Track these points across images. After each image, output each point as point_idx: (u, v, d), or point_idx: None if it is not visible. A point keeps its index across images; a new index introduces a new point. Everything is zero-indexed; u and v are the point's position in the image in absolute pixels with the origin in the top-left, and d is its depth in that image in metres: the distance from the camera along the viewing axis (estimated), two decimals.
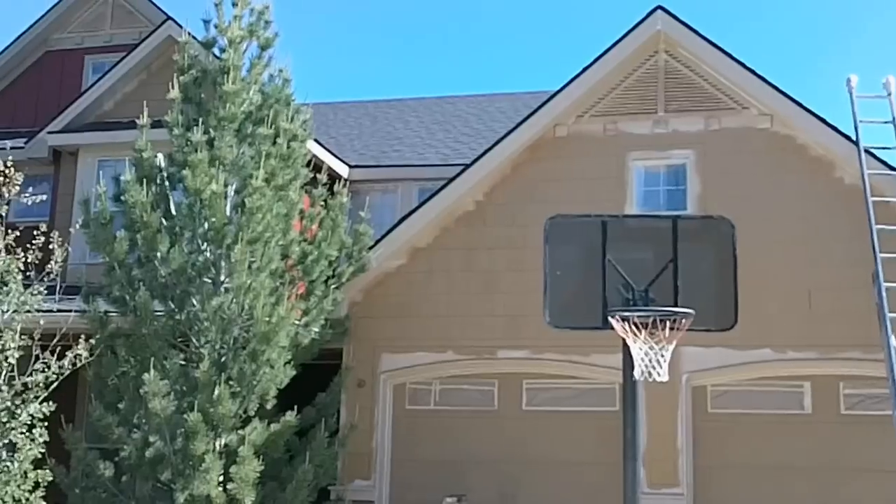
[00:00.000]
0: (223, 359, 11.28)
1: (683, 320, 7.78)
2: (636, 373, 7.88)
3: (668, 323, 7.74)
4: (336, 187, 13.18)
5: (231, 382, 10.97)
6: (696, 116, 12.68)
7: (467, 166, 13.40)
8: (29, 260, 9.51)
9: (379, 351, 13.10)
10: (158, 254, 11.24)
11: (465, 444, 12.74)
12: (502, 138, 13.27)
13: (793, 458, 11.75)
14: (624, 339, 7.93)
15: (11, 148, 10.20)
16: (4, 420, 9.38)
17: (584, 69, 12.95)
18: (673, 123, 12.75)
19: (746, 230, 9.34)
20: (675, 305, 7.96)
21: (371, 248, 13.07)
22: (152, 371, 10.59)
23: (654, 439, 11.62)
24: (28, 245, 9.58)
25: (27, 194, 9.59)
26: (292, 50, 12.97)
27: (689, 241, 8.38)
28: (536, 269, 8.82)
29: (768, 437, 11.88)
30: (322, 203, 12.98)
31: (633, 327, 7.79)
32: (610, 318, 7.95)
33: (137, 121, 12.01)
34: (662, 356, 7.81)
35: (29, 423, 9.42)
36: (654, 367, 7.81)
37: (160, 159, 12.12)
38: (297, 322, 11.74)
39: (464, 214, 13.25)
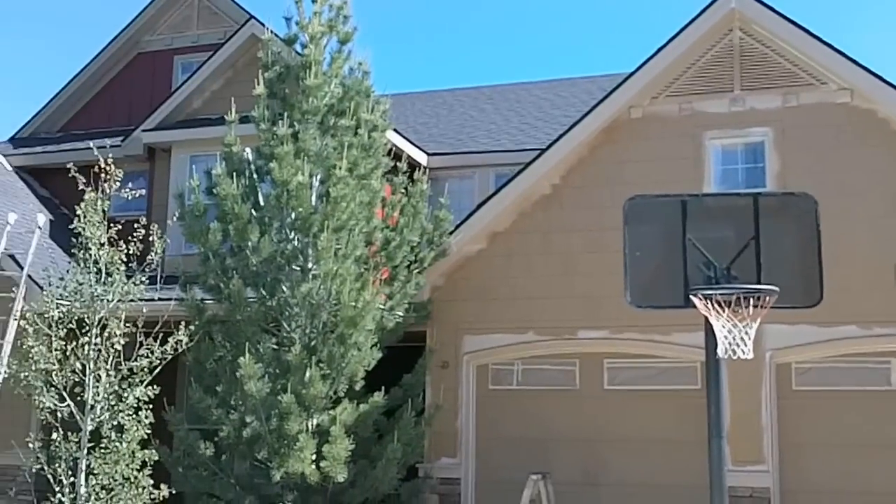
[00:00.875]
0: (313, 342, 11.45)
1: (767, 297, 7.62)
2: (719, 351, 7.74)
3: (751, 300, 7.58)
4: (416, 175, 13.23)
5: (321, 365, 11.13)
6: (774, 93, 12.40)
7: (543, 151, 13.31)
8: (130, 252, 9.74)
9: (461, 333, 13.12)
10: (249, 243, 11.46)
11: (547, 423, 12.70)
12: (577, 122, 13.15)
13: (879, 434, 11.45)
14: (706, 318, 7.80)
15: (110, 146, 10.44)
16: (113, 403, 9.62)
17: (658, 50, 12.76)
18: (750, 101, 12.50)
19: (829, 206, 9.10)
20: (759, 283, 7.81)
21: (451, 233, 13.08)
22: (247, 355, 10.81)
23: (738, 417, 11.45)
24: (130, 238, 9.81)
25: (128, 189, 9.82)
26: (370, 42, 13.02)
27: (770, 217, 8.18)
28: (615, 251, 8.73)
29: (854, 414, 11.60)
30: (403, 190, 13.04)
31: (716, 305, 7.64)
32: (692, 297, 7.82)
33: (226, 117, 12.28)
34: (746, 334, 7.65)
35: (135, 405, 9.66)
36: (737, 345, 7.65)
37: (248, 153, 12.35)
38: (381, 306, 11.83)
39: (541, 198, 13.17)
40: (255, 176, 12.33)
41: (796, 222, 8.32)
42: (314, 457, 10.85)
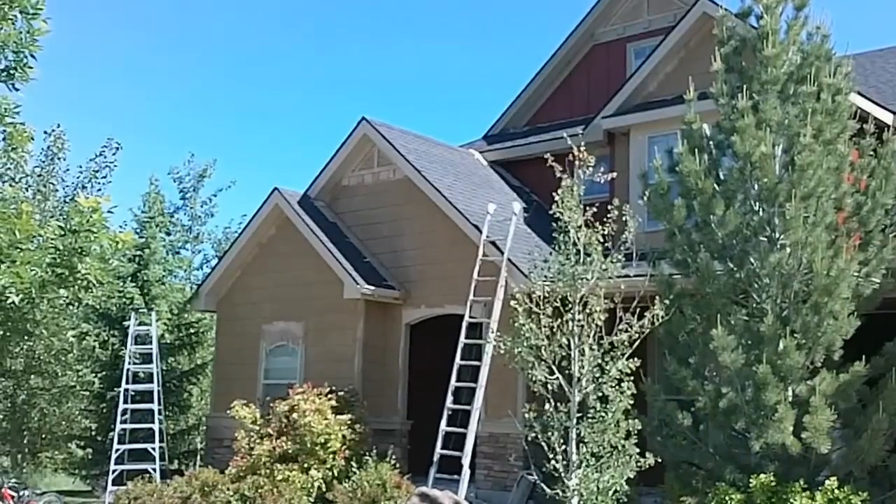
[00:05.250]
0: (785, 312, 10.97)
1: None
2: None
3: None
4: (885, 136, 12.16)
5: (795, 335, 10.63)
6: None
7: None
8: (606, 232, 9.98)
9: None
10: (714, 217, 11.27)
11: None
12: None
13: None
14: None
15: (572, 135, 10.80)
16: (597, 375, 9.92)
17: None
18: None
19: None
20: None
21: None
22: (719, 327, 10.62)
23: None
24: (605, 219, 10.04)
25: (600, 173, 10.07)
26: (827, 3, 12.12)
27: None
28: None
29: None
30: (871, 153, 12.06)
31: None
32: None
33: (684, 96, 12.16)
34: None
35: (617, 377, 9.87)
36: None
37: (706, 129, 12.14)
38: (856, 273, 11.02)
39: None
40: (714, 151, 12.12)
41: None
42: (794, 427, 10.38)
